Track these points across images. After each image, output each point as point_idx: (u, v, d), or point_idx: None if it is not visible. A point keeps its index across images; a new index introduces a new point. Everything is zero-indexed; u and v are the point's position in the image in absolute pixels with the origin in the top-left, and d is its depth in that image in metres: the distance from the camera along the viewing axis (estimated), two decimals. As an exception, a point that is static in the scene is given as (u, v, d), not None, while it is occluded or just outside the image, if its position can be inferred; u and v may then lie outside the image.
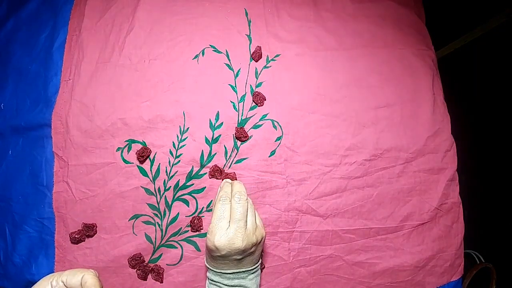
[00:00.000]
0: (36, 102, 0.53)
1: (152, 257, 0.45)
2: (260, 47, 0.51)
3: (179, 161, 0.46)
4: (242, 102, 0.49)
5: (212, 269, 0.39)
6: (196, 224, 0.45)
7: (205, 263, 0.40)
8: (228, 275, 0.38)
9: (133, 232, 0.45)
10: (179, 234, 0.46)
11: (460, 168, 0.53)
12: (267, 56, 0.51)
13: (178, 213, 0.46)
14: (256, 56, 0.50)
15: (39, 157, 0.50)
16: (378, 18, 0.56)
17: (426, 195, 0.51)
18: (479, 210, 0.93)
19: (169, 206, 0.46)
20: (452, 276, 0.51)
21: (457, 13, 0.90)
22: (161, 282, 0.45)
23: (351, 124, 0.50)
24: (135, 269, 0.45)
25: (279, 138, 0.48)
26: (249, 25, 0.52)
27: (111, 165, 0.46)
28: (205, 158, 0.46)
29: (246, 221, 0.37)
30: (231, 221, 0.37)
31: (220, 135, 0.47)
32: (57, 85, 0.53)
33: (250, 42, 0.51)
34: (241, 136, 0.47)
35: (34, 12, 0.59)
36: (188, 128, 0.47)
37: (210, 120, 0.47)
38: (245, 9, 0.52)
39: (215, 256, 0.37)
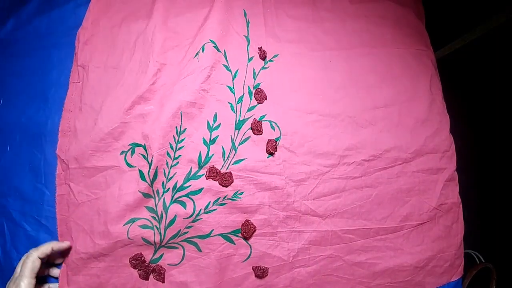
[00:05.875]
0: (35, 101, 0.54)
1: (153, 257, 0.45)
2: (262, 47, 0.51)
3: (178, 162, 0.46)
4: (239, 104, 0.48)
5: None
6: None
7: None
8: None
9: (128, 237, 0.43)
10: (179, 236, 0.45)
11: (459, 168, 0.53)
12: (265, 57, 0.51)
13: (176, 215, 0.45)
14: (261, 56, 0.50)
15: (38, 154, 0.50)
16: (377, 18, 0.56)
17: (425, 195, 0.51)
18: (479, 210, 0.93)
19: (166, 209, 0.45)
20: (452, 276, 0.51)
21: (457, 13, 0.90)
22: (163, 282, 0.45)
23: (350, 125, 0.50)
24: (137, 269, 0.45)
25: (277, 139, 0.48)
26: (248, 26, 0.52)
27: (115, 169, 0.45)
28: (202, 159, 0.46)
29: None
30: None
31: (218, 136, 0.47)
32: (57, 85, 0.53)
33: (248, 43, 0.51)
34: (256, 127, 0.47)
35: (34, 12, 0.59)
36: (185, 129, 0.47)
37: (208, 122, 0.47)
38: (244, 10, 0.52)
39: None
